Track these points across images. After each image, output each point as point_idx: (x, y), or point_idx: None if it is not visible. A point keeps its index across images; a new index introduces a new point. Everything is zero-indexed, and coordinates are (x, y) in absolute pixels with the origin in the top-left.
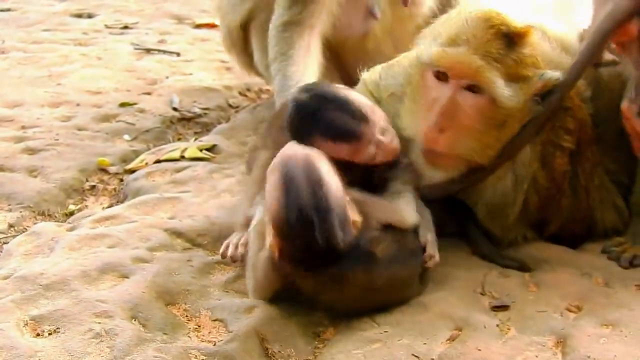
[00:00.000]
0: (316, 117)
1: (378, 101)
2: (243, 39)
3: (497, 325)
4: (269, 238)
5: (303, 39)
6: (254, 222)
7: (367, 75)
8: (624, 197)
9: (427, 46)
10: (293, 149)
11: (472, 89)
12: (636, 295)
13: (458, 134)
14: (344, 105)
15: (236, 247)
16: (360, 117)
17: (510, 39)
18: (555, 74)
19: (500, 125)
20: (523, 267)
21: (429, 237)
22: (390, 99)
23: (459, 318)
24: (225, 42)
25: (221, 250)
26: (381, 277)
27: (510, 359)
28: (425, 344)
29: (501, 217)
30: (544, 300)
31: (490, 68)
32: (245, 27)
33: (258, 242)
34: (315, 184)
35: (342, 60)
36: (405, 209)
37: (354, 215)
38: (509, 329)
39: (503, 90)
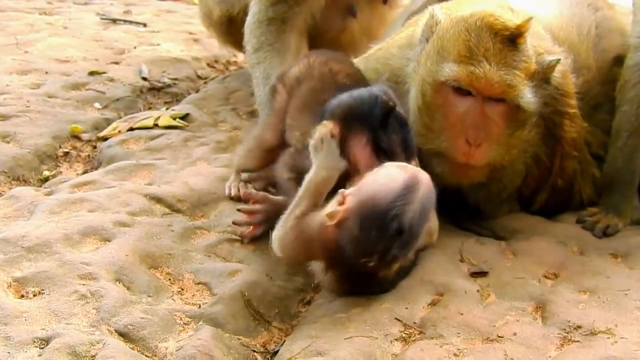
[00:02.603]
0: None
1: None
2: (227, 24)
3: (478, 291)
4: (333, 213)
5: (286, 34)
6: (310, 176)
7: None
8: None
9: (437, 64)
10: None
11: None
12: (611, 263)
13: (491, 144)
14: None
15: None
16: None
17: (513, 40)
18: (554, 57)
19: (524, 124)
20: (498, 236)
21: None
22: None
23: (439, 284)
24: (203, 22)
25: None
26: (393, 284)
27: (492, 323)
28: (407, 308)
29: (498, 195)
30: (521, 267)
31: (515, 79)
32: (233, 18)
33: (308, 200)
34: (425, 210)
35: (316, 42)
36: (434, 226)
37: None
38: (489, 295)
39: (527, 95)
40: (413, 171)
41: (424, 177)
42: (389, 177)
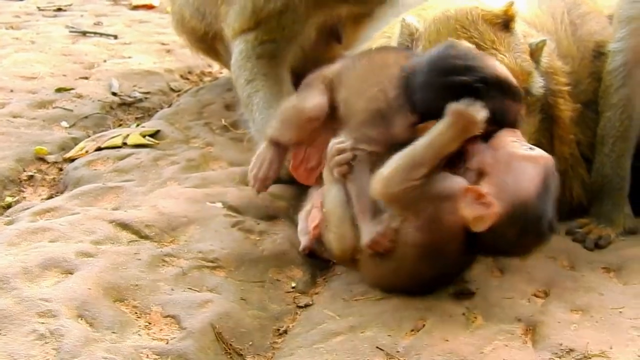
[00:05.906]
0: None
1: None
2: (201, 33)
3: (463, 314)
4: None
5: (278, 68)
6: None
7: None
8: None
9: None
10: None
11: None
12: (604, 278)
13: None
14: None
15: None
16: None
17: (507, 25)
18: (541, 39)
19: (533, 110)
20: None
21: None
22: None
23: (423, 307)
24: (176, 29)
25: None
26: None
27: (479, 349)
28: (389, 335)
29: None
30: (509, 285)
31: (528, 65)
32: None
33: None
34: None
35: (301, 73)
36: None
37: None
38: (475, 318)
39: (537, 79)
40: (544, 162)
41: (549, 162)
42: (528, 176)
